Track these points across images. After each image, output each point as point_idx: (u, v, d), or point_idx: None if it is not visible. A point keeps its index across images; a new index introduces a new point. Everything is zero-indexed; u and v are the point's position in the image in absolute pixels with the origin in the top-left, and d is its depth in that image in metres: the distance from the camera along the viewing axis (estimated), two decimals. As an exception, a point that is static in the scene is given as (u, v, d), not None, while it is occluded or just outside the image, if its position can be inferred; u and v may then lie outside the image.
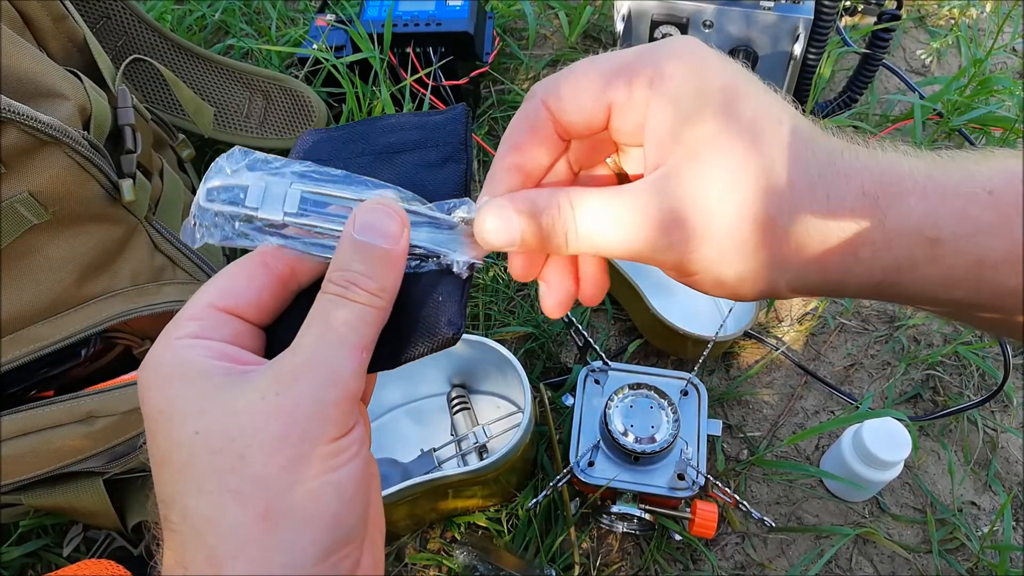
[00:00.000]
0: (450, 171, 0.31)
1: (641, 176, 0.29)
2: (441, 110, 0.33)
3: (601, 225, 0.28)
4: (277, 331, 0.29)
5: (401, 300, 0.28)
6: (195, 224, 0.28)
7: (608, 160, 0.33)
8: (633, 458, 0.61)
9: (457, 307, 0.29)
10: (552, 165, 0.31)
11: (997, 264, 0.26)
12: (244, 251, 0.32)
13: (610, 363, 0.66)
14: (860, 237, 0.26)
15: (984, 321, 0.29)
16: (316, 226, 0.28)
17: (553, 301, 0.31)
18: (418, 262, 0.29)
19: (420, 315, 0.28)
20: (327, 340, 0.26)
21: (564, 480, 0.61)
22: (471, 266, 0.29)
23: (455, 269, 0.29)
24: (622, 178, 0.34)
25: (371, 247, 0.27)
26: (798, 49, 0.75)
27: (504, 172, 0.30)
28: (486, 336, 0.66)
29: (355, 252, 0.27)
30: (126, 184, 0.57)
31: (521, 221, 0.28)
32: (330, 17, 0.90)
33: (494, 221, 0.28)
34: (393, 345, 0.28)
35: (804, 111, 0.82)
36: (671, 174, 0.27)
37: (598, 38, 1.05)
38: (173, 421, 0.25)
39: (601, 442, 0.63)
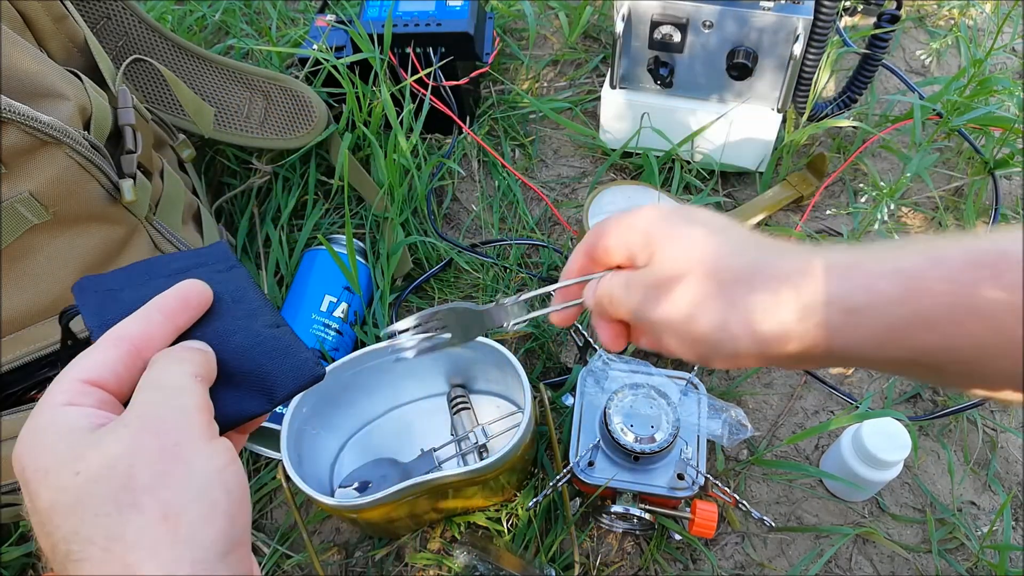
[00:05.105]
0: (237, 273, 0.38)
1: None
2: (205, 246, 0.42)
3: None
4: None
5: (258, 353, 0.35)
6: None
7: None
8: (633, 458, 0.61)
9: (312, 353, 0.36)
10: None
11: (913, 330, 0.31)
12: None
13: (610, 363, 0.66)
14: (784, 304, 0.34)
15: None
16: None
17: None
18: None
19: (284, 363, 0.35)
20: (168, 367, 0.31)
21: (564, 480, 0.62)
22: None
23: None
24: None
25: None
26: (798, 49, 0.75)
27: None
28: (486, 336, 0.66)
29: None
30: (126, 184, 0.57)
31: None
32: (330, 17, 0.90)
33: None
34: (264, 389, 0.35)
35: (804, 111, 0.81)
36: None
37: (598, 38, 1.05)
38: (50, 472, 0.27)
39: (601, 442, 0.63)
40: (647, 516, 0.62)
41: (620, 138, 0.90)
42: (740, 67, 0.78)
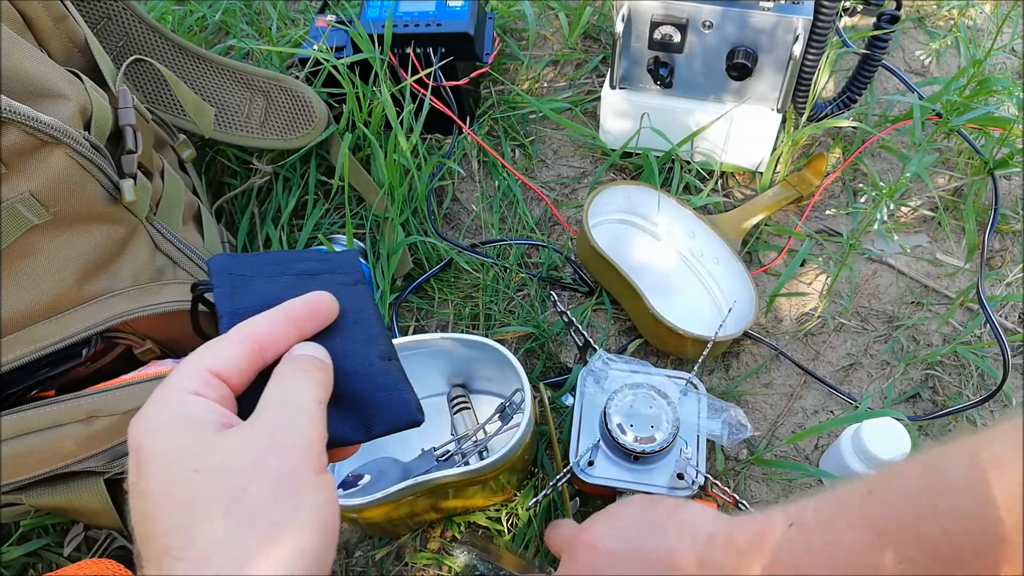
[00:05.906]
0: (362, 290, 0.39)
1: None
2: (336, 252, 0.42)
3: None
4: (244, 401, 0.33)
5: (367, 383, 0.35)
6: None
7: None
8: (633, 458, 0.61)
9: (415, 396, 0.37)
10: None
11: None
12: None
13: (610, 362, 0.66)
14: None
15: None
16: None
17: None
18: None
19: (390, 399, 0.36)
20: (298, 384, 0.32)
21: (564, 479, 0.62)
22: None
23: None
24: None
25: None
26: (797, 49, 0.75)
27: None
28: (486, 336, 0.66)
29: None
30: (127, 184, 0.57)
31: None
32: (330, 18, 0.90)
33: None
34: (364, 419, 0.35)
35: (804, 111, 0.81)
36: None
37: (598, 39, 1.06)
38: (169, 462, 0.28)
39: (601, 441, 0.63)
40: (647, 516, 0.62)
41: (620, 138, 0.90)
42: (740, 67, 0.78)
